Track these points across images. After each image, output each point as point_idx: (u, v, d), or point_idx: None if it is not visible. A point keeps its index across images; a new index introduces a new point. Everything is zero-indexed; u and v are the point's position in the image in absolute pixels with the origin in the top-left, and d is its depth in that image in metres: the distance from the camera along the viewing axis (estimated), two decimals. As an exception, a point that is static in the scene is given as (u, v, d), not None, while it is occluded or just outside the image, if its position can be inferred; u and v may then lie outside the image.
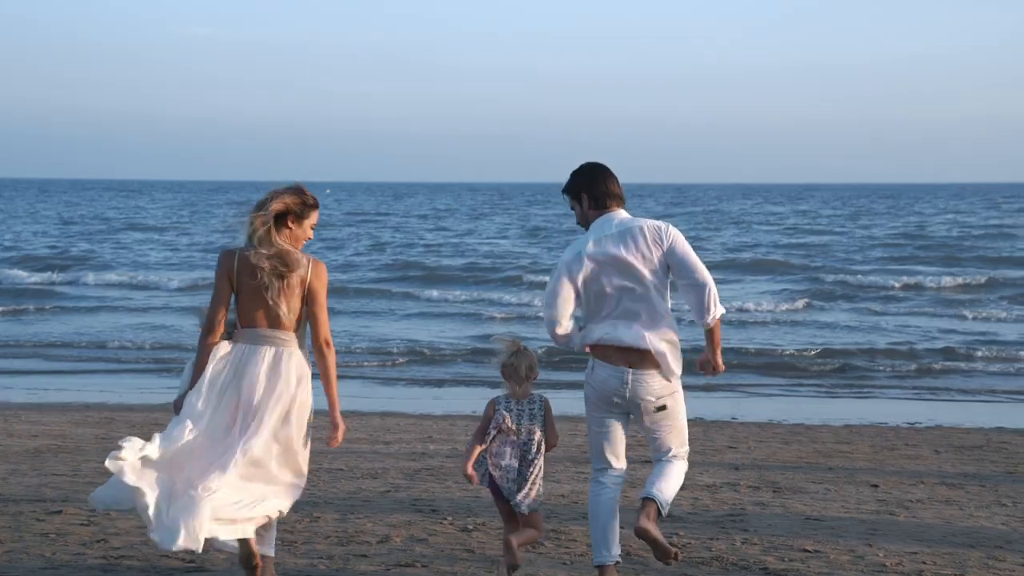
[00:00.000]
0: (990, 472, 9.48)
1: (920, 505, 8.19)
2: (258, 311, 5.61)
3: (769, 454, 10.25)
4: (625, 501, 6.62)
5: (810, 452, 10.36)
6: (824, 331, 20.81)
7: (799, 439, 11.13)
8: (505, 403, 5.99)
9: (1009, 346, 18.67)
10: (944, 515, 7.89)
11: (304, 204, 5.70)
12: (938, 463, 9.88)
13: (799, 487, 8.77)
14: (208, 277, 31.77)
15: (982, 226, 56.82)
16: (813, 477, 9.18)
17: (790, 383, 15.90)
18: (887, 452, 10.38)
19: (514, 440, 5.92)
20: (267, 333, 5.61)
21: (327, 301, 5.72)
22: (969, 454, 10.32)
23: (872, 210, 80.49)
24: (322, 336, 5.65)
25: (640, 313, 5.80)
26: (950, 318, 22.90)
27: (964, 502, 8.32)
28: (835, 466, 9.68)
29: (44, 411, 12.85)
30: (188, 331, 21.36)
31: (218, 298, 5.66)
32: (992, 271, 31.43)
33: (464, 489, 8.52)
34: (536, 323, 22.07)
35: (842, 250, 40.96)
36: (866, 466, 9.70)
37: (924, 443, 10.92)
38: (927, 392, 15.26)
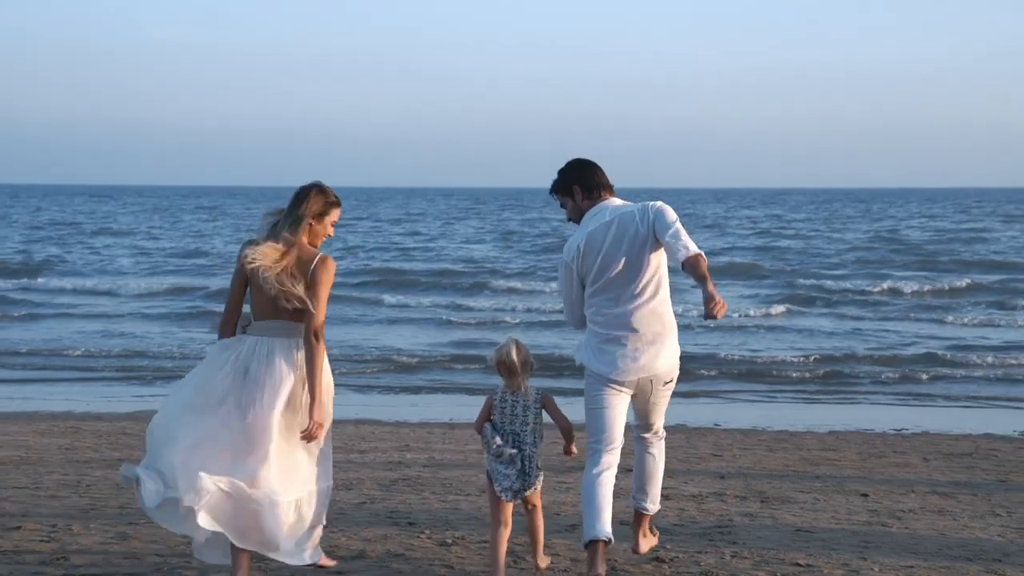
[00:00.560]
0: (981, 480, 9.25)
1: (912, 515, 7.94)
2: (267, 303, 5.74)
3: (754, 462, 9.99)
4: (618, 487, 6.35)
5: (796, 460, 10.11)
6: (803, 336, 20.54)
7: (784, 446, 10.88)
8: (502, 395, 6.09)
9: (992, 351, 18.46)
10: (938, 526, 7.65)
11: (326, 202, 5.86)
12: (928, 471, 9.64)
13: (787, 497, 8.52)
14: (175, 283, 31.35)
15: (954, 230, 56.97)
16: (801, 486, 8.92)
17: (772, 389, 15.61)
18: (875, 459, 10.14)
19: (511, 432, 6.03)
20: (276, 324, 5.75)
21: (327, 296, 5.78)
22: (959, 461, 10.09)
23: (845, 214, 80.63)
24: (312, 326, 5.71)
25: (640, 295, 5.94)
26: (929, 323, 22.71)
27: (957, 512, 8.08)
28: (823, 474, 9.43)
29: (8, 421, 12.47)
30: (156, 338, 21.01)
31: (233, 292, 5.86)
32: (969, 275, 31.37)
33: (443, 500, 8.23)
34: (510, 329, 21.82)
35: (818, 254, 40.87)
36: (854, 474, 9.45)
37: (912, 450, 10.69)
38: (911, 398, 15.00)
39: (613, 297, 5.97)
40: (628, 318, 5.95)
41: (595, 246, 5.97)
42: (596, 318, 6.03)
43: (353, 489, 8.65)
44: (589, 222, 6.05)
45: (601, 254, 5.95)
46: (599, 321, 6.01)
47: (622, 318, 5.96)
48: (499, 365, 6.06)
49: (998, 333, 21.08)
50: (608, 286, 5.97)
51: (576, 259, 6.02)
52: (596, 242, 5.97)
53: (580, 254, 6.00)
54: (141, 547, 6.80)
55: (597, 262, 5.96)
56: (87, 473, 9.17)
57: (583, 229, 6.05)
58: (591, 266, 5.98)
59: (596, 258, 5.96)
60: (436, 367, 17.58)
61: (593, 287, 6.01)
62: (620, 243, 5.94)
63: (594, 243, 5.97)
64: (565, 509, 8.00)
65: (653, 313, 5.97)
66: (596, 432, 6.09)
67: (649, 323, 5.96)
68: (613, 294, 5.96)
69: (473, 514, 7.79)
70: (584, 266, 6.00)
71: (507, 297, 27.96)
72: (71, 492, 8.37)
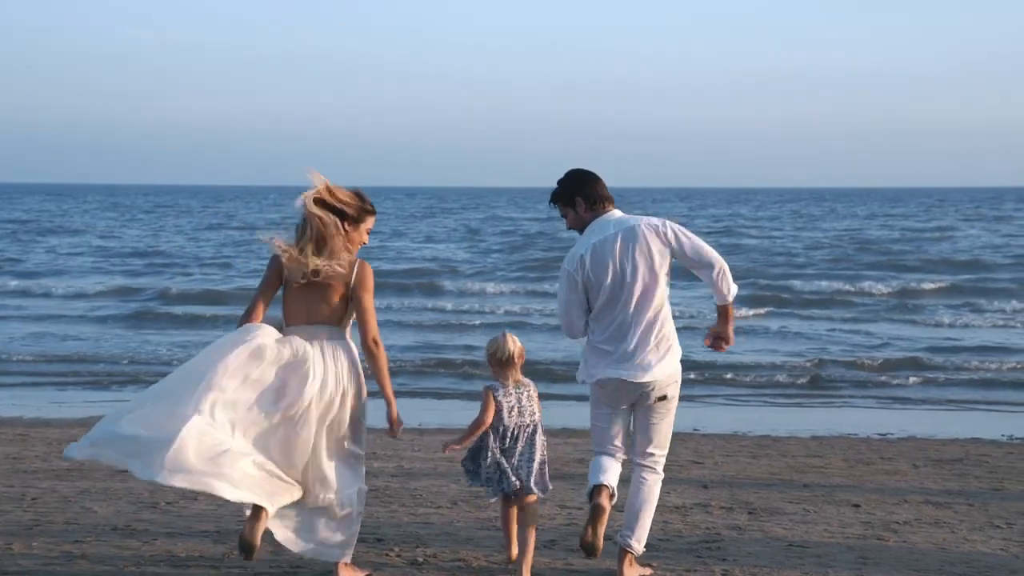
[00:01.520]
0: (976, 489, 8.84)
1: (908, 528, 7.53)
2: (302, 308, 5.82)
3: (738, 470, 9.56)
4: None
5: (781, 467, 9.68)
6: (777, 338, 20.06)
7: (768, 452, 10.45)
8: (503, 389, 6.08)
9: (972, 353, 18.08)
10: (936, 539, 7.23)
11: (362, 209, 5.90)
12: (919, 479, 9.23)
13: (775, 508, 8.09)
14: (128, 284, 30.51)
15: (920, 229, 56.96)
16: (789, 496, 8.49)
17: (750, 393, 15.15)
18: (863, 467, 9.73)
19: (518, 425, 6.06)
20: (311, 329, 5.80)
21: (372, 303, 5.87)
22: (949, 468, 9.69)
23: (810, 213, 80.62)
24: (370, 336, 5.84)
25: (643, 309, 6.04)
26: (904, 324, 22.37)
27: (955, 524, 7.67)
28: (811, 483, 9.00)
29: (-47, 427, 11.85)
30: (110, 341, 20.36)
31: (264, 286, 5.90)
32: (940, 275, 31.14)
33: (413, 514, 7.74)
34: (472, 330, 21.32)
35: (786, 253, 40.63)
36: (843, 483, 9.03)
37: (900, 456, 10.28)
38: (892, 401, 14.55)
39: (617, 309, 6.06)
40: (632, 330, 6.05)
41: (601, 258, 6.06)
42: (597, 329, 6.12)
43: (317, 501, 8.14)
44: (593, 234, 6.14)
45: (607, 266, 6.05)
46: (601, 332, 6.10)
47: (624, 329, 6.05)
48: (493, 358, 6.08)
49: (971, 334, 20.76)
50: (613, 298, 6.06)
51: (579, 270, 6.10)
52: (602, 254, 6.06)
53: (584, 265, 6.08)
54: (88, 568, 6.30)
55: (602, 274, 6.05)
56: (33, 485, 8.63)
57: (587, 240, 6.14)
58: (595, 278, 6.07)
59: (601, 270, 6.06)
60: (401, 372, 16.97)
61: (597, 299, 6.08)
62: (627, 257, 6.05)
63: (600, 255, 6.06)
64: (542, 522, 7.53)
65: (657, 326, 6.08)
66: (599, 443, 6.25)
67: (652, 336, 6.06)
68: (617, 307, 6.06)
69: (445, 529, 7.32)
70: (588, 277, 6.08)
71: (478, 299, 27.45)
72: (14, 506, 7.83)
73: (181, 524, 7.36)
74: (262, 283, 5.93)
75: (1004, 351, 18.34)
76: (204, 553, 6.66)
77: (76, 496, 8.21)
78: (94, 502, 8.01)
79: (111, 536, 7.02)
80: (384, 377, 5.91)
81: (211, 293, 28.17)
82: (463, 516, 7.72)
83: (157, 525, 7.33)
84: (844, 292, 27.42)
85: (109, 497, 8.21)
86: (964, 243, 45.44)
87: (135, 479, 8.87)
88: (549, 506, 8.02)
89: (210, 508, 7.86)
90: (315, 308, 5.82)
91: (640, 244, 6.05)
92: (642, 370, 6.02)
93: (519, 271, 34.94)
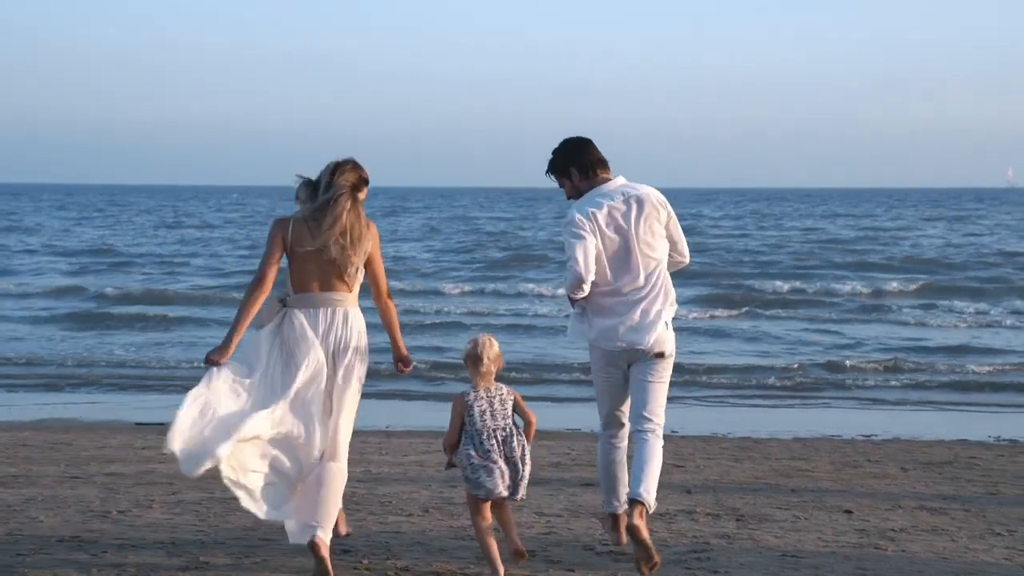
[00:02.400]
0: (970, 494, 8.46)
1: (906, 536, 7.13)
2: (314, 276, 5.93)
3: (721, 473, 9.15)
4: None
5: (766, 471, 9.28)
6: (751, 339, 19.64)
7: (750, 455, 10.04)
8: (474, 395, 5.99)
9: (947, 354, 17.73)
10: (936, 548, 6.84)
11: (360, 177, 6.05)
12: (910, 483, 8.85)
13: (764, 514, 7.68)
14: (68, 283, 29.70)
15: (884, 228, 57.01)
16: (776, 501, 8.08)
17: (726, 394, 14.68)
18: (850, 470, 9.33)
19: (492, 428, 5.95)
20: (325, 296, 5.94)
21: (380, 254, 6.07)
22: (940, 471, 9.31)
23: (773, 214, 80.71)
24: (383, 290, 6.10)
25: (650, 276, 6.14)
26: (879, 324, 22.03)
27: (953, 531, 7.28)
28: (798, 487, 8.60)
29: None
30: (58, 342, 19.73)
31: (270, 258, 5.96)
32: (909, 275, 30.90)
33: (382, 522, 7.28)
34: (434, 330, 20.83)
35: (754, 252, 40.40)
36: (832, 487, 8.63)
37: (887, 459, 9.89)
38: (871, 403, 14.12)
39: (627, 275, 6.11)
40: (639, 294, 6.13)
41: (612, 221, 6.09)
42: (601, 292, 6.13)
43: (279, 509, 7.66)
44: (598, 198, 6.14)
45: (618, 230, 6.09)
46: (606, 295, 6.14)
47: (634, 296, 6.13)
48: (470, 359, 6.03)
49: (944, 334, 20.46)
50: (622, 264, 6.10)
51: (590, 221, 6.07)
52: (612, 218, 6.10)
53: (595, 220, 6.07)
54: (30, 585, 5.80)
55: (613, 237, 6.08)
56: (-25, 492, 8.10)
57: (594, 201, 6.13)
58: (606, 239, 6.08)
59: (612, 233, 6.08)
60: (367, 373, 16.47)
61: (605, 260, 6.09)
62: (639, 223, 6.11)
63: (611, 219, 6.10)
64: (521, 531, 7.08)
65: (662, 290, 6.19)
66: (604, 405, 6.38)
67: (657, 300, 6.16)
68: (627, 273, 6.11)
69: (417, 539, 6.86)
70: (600, 235, 6.08)
71: (441, 299, 26.96)
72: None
73: (134, 535, 6.88)
74: (267, 255, 5.99)
75: (979, 352, 17.99)
76: (158, 565, 6.18)
77: (21, 505, 7.70)
78: (40, 511, 7.50)
79: (57, 548, 6.53)
80: (396, 328, 6.17)
81: (158, 292, 27.46)
82: (436, 525, 7.28)
83: (108, 536, 6.84)
84: (813, 292, 27.11)
85: (57, 505, 7.70)
86: (928, 243, 45.42)
87: (85, 485, 8.43)
88: (526, 514, 7.58)
89: (165, 517, 7.38)
90: (327, 276, 5.95)
91: (651, 212, 6.15)
92: (654, 333, 6.14)
93: (478, 270, 34.52)
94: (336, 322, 5.96)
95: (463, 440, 5.97)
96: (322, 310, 5.94)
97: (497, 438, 5.93)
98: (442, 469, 9.14)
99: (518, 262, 37.38)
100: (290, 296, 5.99)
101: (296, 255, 5.94)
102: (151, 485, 8.48)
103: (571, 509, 7.75)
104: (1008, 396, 14.44)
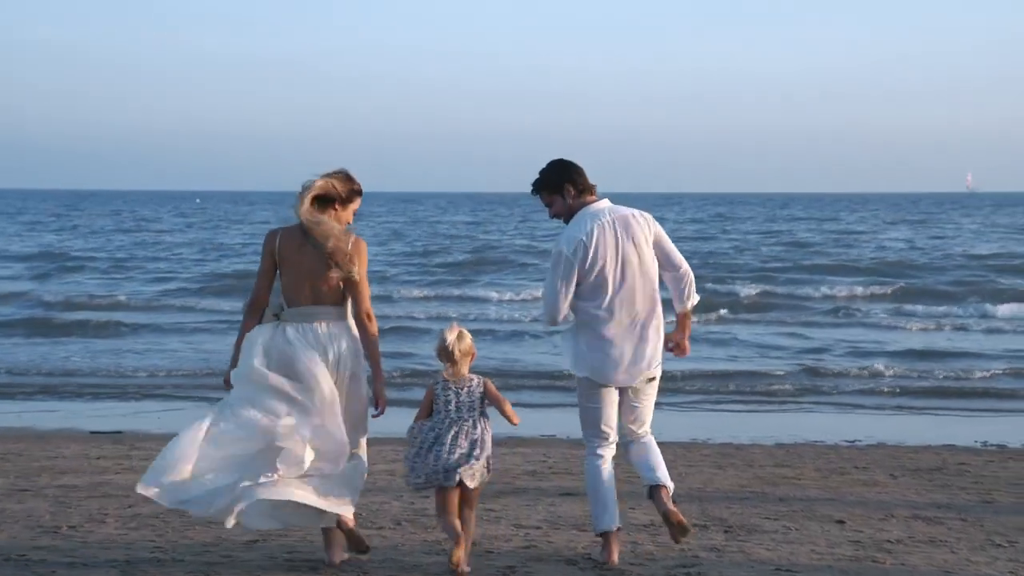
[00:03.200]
0: (964, 502, 8.13)
1: (903, 547, 6.79)
2: (302, 289, 5.91)
3: (704, 481, 8.78)
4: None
5: (750, 478, 8.91)
6: (724, 344, 19.17)
7: (733, 462, 9.68)
8: (443, 384, 6.03)
9: (921, 358, 17.41)
10: (936, 561, 6.50)
11: (350, 190, 6.00)
12: (901, 491, 8.50)
13: (752, 525, 7.32)
14: (17, 288, 28.90)
15: (846, 231, 57.05)
16: (764, 511, 7.72)
17: (702, 399, 14.23)
18: (838, 477, 8.98)
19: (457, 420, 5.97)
20: (313, 310, 5.91)
21: (366, 272, 5.97)
22: (930, 478, 8.98)
23: (737, 216, 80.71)
24: (362, 309, 5.96)
25: (638, 296, 6.20)
26: (847, 327, 21.74)
27: (952, 542, 6.93)
28: (786, 496, 8.24)
29: None
30: (4, 346, 19.10)
31: (262, 274, 6.01)
32: (876, 278, 30.70)
33: (351, 538, 6.85)
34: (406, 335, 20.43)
35: (721, 255, 40.18)
36: (820, 495, 8.28)
37: (875, 465, 9.55)
38: (851, 408, 13.67)
39: (621, 299, 6.18)
40: (633, 317, 6.22)
41: (603, 245, 6.14)
42: (595, 318, 6.19)
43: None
44: (588, 220, 6.20)
45: (609, 254, 6.15)
46: (601, 323, 6.19)
47: (631, 322, 6.22)
48: (442, 352, 6.05)
49: (914, 338, 20.21)
50: (615, 287, 6.16)
51: (578, 253, 6.12)
52: (603, 242, 6.15)
53: (585, 249, 6.12)
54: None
55: (605, 261, 6.14)
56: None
57: (583, 225, 6.18)
58: (596, 264, 6.13)
59: (604, 257, 6.14)
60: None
61: (592, 284, 6.16)
62: (631, 246, 6.18)
63: (602, 242, 6.14)
64: (498, 545, 6.70)
65: (652, 313, 6.27)
66: (593, 427, 6.34)
67: (651, 327, 6.27)
68: (621, 296, 6.18)
69: (388, 554, 6.46)
70: (588, 262, 6.13)
71: (409, 304, 26.52)
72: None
73: (85, 552, 6.45)
74: (260, 270, 6.05)
75: (954, 356, 17.68)
76: (111, 586, 5.75)
77: (-34, 521, 7.22)
78: (-14, 527, 7.03)
79: (2, 568, 6.07)
80: (374, 351, 5.98)
81: (111, 298, 26.72)
82: (408, 539, 6.87)
83: (58, 553, 6.41)
84: (780, 296, 26.80)
85: (4, 521, 7.25)
86: (893, 245, 45.40)
87: (35, 499, 7.96)
88: (503, 526, 7.19)
89: (119, 533, 6.95)
90: (317, 289, 5.91)
91: (639, 234, 6.21)
92: (644, 364, 6.24)
93: (440, 274, 34.10)
94: (322, 335, 5.91)
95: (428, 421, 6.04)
96: (307, 324, 5.91)
97: (464, 428, 5.97)
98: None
99: (475, 265, 37.09)
100: (284, 310, 5.98)
101: (284, 266, 5.97)
102: (105, 498, 8.03)
103: (551, 520, 7.37)
104: (989, 402, 14.10)
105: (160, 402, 14.00)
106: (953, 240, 50.04)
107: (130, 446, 10.55)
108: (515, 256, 40.46)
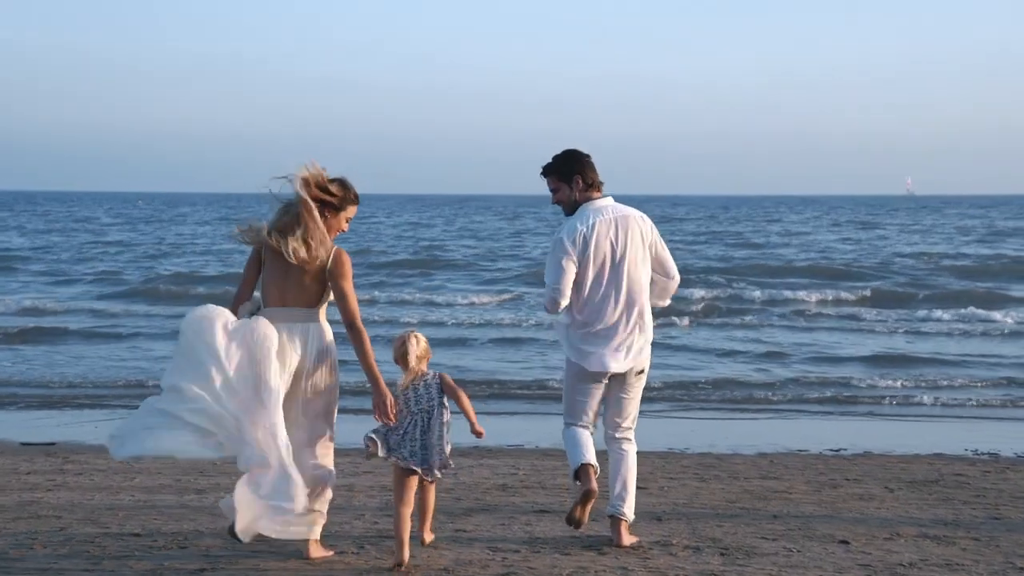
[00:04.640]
0: (971, 518, 7.54)
1: (918, 572, 6.19)
2: (278, 291, 5.93)
3: (690, 496, 8.16)
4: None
5: (738, 492, 8.30)
6: (677, 349, 18.55)
7: (716, 474, 9.05)
8: (400, 388, 6.10)
9: (907, 362, 16.90)
10: (955, 586, 5.92)
11: (344, 198, 6.00)
12: (901, 506, 7.90)
13: (749, 545, 6.70)
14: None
15: (808, 233, 56.87)
16: (759, 530, 7.10)
17: (671, 406, 13.49)
18: (831, 491, 8.38)
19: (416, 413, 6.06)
20: (287, 312, 5.92)
21: (351, 287, 5.94)
22: (928, 491, 8.39)
23: (677, 216, 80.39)
24: (347, 319, 5.94)
25: (636, 296, 6.36)
26: (804, 332, 21.22)
27: (970, 565, 6.35)
28: (779, 513, 7.63)
29: None
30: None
31: (248, 271, 6.04)
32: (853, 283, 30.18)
33: (310, 566, 6.17)
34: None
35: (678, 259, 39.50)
36: (817, 512, 7.67)
37: (867, 477, 8.95)
38: (827, 414, 13.09)
39: (613, 294, 6.32)
40: (625, 319, 6.35)
41: (603, 240, 6.30)
42: (588, 310, 6.33)
43: (189, 547, 6.52)
44: (589, 214, 6.34)
45: (608, 250, 6.31)
46: (593, 315, 6.33)
47: (620, 316, 6.35)
48: (400, 359, 6.13)
49: (881, 342, 19.73)
50: (610, 282, 6.31)
51: (579, 243, 6.27)
52: (603, 237, 6.30)
53: (585, 241, 6.27)
54: None
55: (602, 255, 6.30)
56: None
57: (586, 219, 6.32)
58: (594, 257, 6.29)
59: (602, 252, 6.30)
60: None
61: (588, 278, 6.29)
62: (628, 244, 6.33)
63: (602, 237, 6.30)
64: (473, 572, 6.04)
65: (647, 313, 6.42)
66: (575, 415, 6.47)
67: (643, 322, 6.40)
68: (614, 291, 6.32)
69: None
70: (586, 254, 6.28)
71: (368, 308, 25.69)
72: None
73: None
74: (246, 267, 6.05)
75: (924, 361, 17.19)
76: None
77: None
78: None
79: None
80: (366, 359, 5.91)
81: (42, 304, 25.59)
82: (373, 563, 6.21)
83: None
84: (729, 299, 26.21)
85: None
86: (841, 248, 45.18)
87: None
88: (478, 549, 6.54)
89: (49, 560, 6.23)
90: (290, 291, 5.91)
91: (637, 234, 6.36)
92: (633, 356, 6.37)
93: (383, 276, 33.36)
94: (296, 337, 5.90)
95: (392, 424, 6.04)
96: (286, 325, 5.89)
97: (419, 424, 6.05)
98: (375, 495, 8.12)
99: (424, 265, 36.45)
100: (262, 309, 5.98)
101: (268, 268, 5.98)
102: (35, 519, 7.28)
103: (529, 543, 6.71)
104: (970, 409, 13.60)
105: (97, 412, 13.16)
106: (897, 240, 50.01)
107: (63, 459, 9.76)
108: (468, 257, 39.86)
